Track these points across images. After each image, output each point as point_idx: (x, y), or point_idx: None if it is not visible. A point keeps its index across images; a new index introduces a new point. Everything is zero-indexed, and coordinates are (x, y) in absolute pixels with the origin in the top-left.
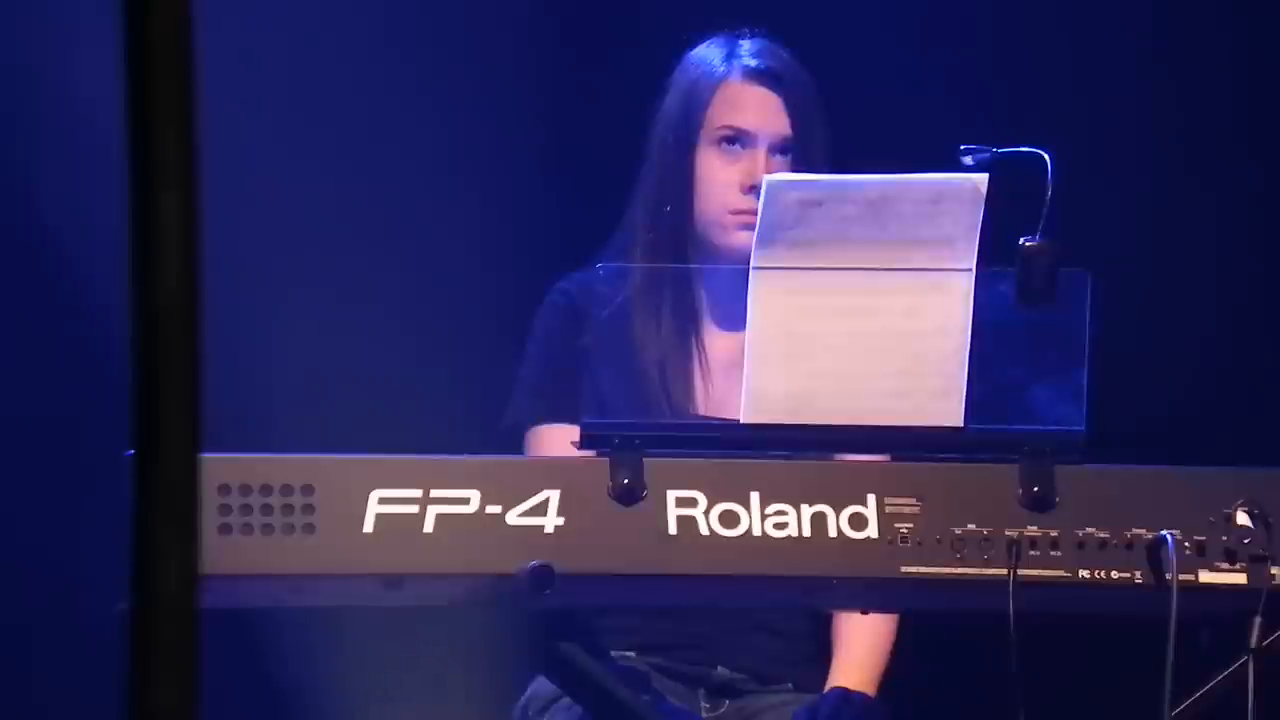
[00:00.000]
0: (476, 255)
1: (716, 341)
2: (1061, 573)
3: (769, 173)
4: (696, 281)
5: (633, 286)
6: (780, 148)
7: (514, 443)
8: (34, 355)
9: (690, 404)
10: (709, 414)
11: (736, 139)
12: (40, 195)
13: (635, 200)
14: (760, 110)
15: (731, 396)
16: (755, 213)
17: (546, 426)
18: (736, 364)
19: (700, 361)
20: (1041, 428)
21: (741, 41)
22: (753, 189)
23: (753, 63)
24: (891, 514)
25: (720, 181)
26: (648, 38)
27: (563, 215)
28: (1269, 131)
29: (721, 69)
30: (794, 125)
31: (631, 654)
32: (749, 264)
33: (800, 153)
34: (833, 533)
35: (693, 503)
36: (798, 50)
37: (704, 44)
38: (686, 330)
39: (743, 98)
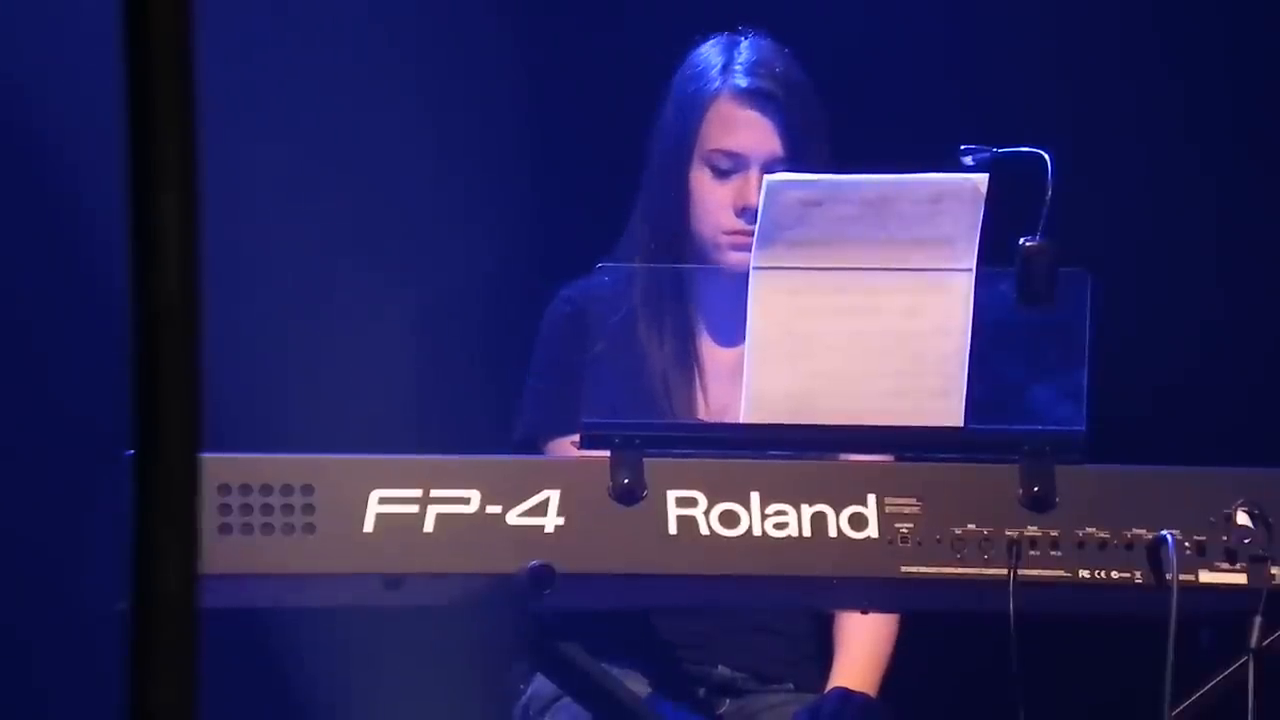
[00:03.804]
0: (476, 256)
1: (716, 355)
2: (1061, 573)
3: None
4: (695, 297)
5: (636, 296)
6: (773, 167)
7: (527, 455)
8: (34, 355)
9: (692, 415)
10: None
11: (728, 160)
12: (40, 195)
13: (636, 213)
14: (751, 133)
15: (732, 407)
16: (748, 233)
17: (565, 439)
18: (735, 376)
19: (700, 375)
20: (1041, 428)
21: (739, 47)
22: (744, 211)
23: (744, 82)
24: (891, 514)
25: (712, 202)
26: (655, 36)
27: (562, 215)
28: (1269, 131)
29: (715, 83)
30: (786, 145)
31: (631, 654)
32: (747, 274)
33: (794, 170)
34: (833, 533)
35: (693, 503)
36: (797, 49)
37: (704, 45)
38: (686, 346)
39: (733, 119)
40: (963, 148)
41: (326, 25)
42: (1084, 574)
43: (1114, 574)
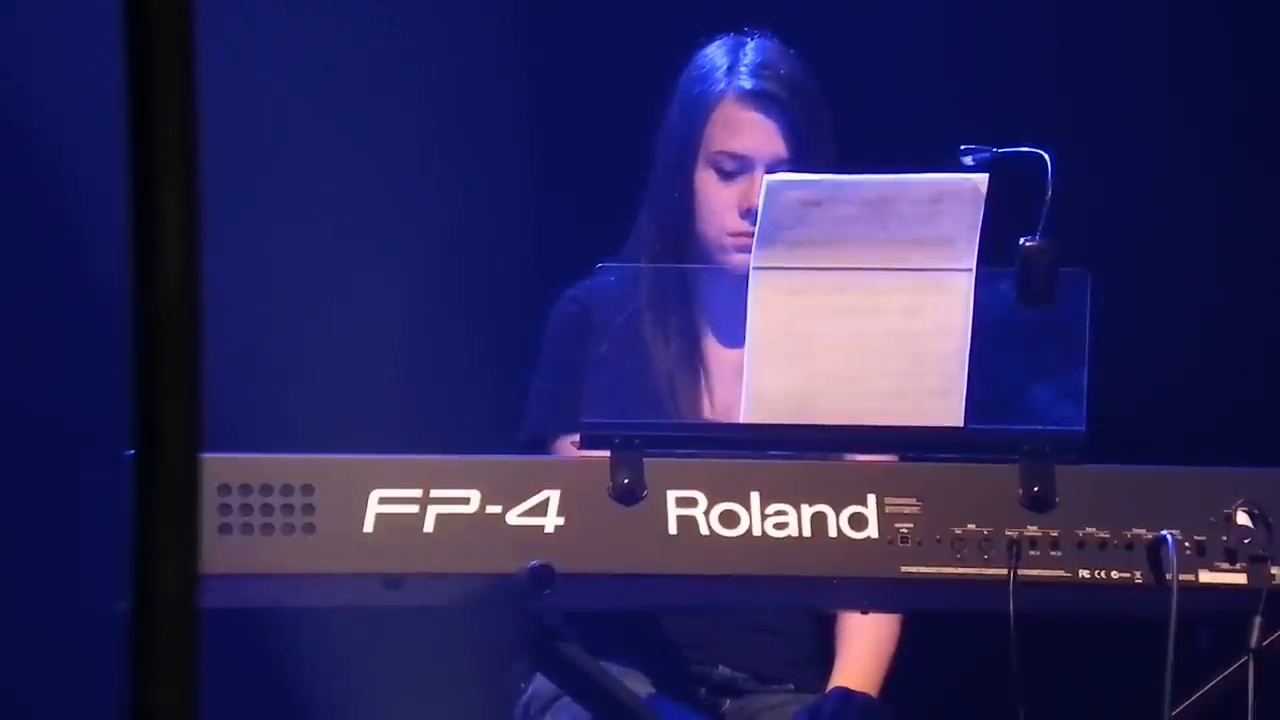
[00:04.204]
0: (477, 256)
1: (721, 356)
2: (1061, 573)
3: None
4: (700, 298)
5: (641, 296)
6: (777, 169)
7: (533, 454)
8: (35, 354)
9: (698, 415)
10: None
11: (733, 162)
12: (41, 195)
13: (643, 213)
14: (755, 135)
15: (736, 408)
16: (753, 235)
17: (571, 437)
18: (740, 377)
19: (705, 376)
20: (1041, 428)
21: (745, 48)
22: (749, 212)
23: (748, 84)
24: (891, 514)
25: (717, 204)
26: (659, 36)
27: (562, 215)
28: (1269, 131)
29: (720, 85)
30: (790, 147)
31: (632, 654)
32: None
33: (800, 172)
34: (833, 533)
35: (693, 503)
36: (798, 49)
37: (710, 46)
38: (691, 346)
39: (738, 122)
40: (963, 148)
41: (328, 25)
42: (1084, 574)
43: (1114, 574)
